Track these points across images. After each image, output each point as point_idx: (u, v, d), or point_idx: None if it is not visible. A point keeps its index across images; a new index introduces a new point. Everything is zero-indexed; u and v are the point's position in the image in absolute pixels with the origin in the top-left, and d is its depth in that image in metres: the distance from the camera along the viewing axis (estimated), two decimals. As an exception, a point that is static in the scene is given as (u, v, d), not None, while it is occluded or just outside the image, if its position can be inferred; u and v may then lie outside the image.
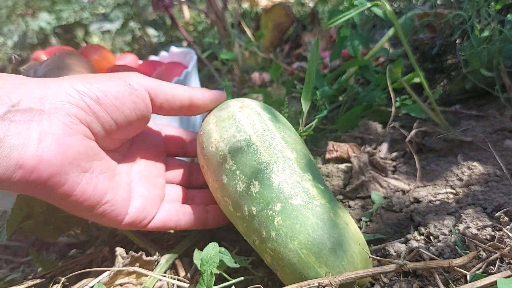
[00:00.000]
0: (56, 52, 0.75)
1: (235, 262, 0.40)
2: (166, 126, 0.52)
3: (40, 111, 0.33)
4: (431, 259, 0.39)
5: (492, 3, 0.59)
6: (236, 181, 0.38)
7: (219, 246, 0.41)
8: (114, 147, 0.42)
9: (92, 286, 0.42)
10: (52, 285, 0.43)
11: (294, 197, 0.36)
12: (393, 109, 0.59)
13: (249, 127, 0.41)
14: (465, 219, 0.43)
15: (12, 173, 0.32)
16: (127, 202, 0.41)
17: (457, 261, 0.34)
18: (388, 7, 0.59)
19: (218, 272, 0.40)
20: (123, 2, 1.66)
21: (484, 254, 0.38)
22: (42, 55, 0.88)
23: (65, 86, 0.36)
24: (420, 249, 0.40)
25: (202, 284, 0.37)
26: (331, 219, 0.35)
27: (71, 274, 0.43)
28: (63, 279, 0.42)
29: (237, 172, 0.39)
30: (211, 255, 0.38)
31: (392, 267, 0.34)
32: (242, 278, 0.40)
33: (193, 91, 0.44)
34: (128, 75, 0.40)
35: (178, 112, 0.44)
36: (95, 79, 0.38)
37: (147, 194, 0.43)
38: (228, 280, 0.39)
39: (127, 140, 0.44)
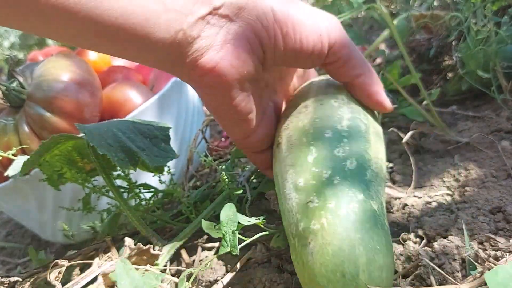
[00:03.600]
0: (53, 53, 0.75)
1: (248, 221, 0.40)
2: None
3: (233, 20, 0.33)
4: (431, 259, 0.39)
5: (489, 5, 0.59)
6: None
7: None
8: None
9: (97, 276, 0.41)
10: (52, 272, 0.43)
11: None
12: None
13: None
14: (461, 220, 0.43)
15: (187, 70, 0.34)
16: (261, 126, 0.42)
17: (465, 287, 0.34)
18: (383, 9, 0.59)
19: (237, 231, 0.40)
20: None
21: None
22: (39, 56, 0.88)
23: (266, 5, 0.35)
24: (422, 257, 0.40)
25: (225, 246, 0.37)
26: None
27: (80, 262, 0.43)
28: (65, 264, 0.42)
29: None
30: (229, 216, 0.38)
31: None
32: (262, 233, 0.41)
33: (368, 71, 0.41)
34: (320, 15, 0.38)
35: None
36: (295, 12, 0.36)
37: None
38: (243, 240, 0.40)
39: None
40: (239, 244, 0.39)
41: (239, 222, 0.39)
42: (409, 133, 0.58)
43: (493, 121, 0.60)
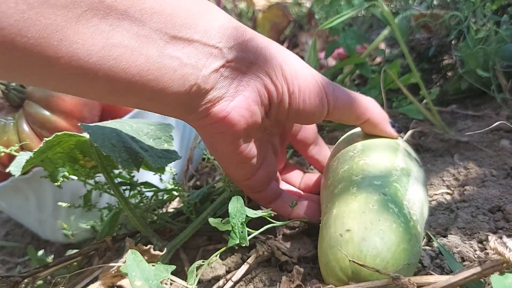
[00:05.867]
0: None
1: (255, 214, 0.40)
2: None
3: (245, 73, 0.35)
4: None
5: (488, 4, 0.59)
6: None
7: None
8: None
9: (97, 276, 0.41)
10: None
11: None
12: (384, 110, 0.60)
13: None
14: (461, 219, 0.43)
15: (199, 118, 0.35)
16: (262, 169, 0.43)
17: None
18: (385, 7, 0.59)
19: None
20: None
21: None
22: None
23: (276, 62, 0.36)
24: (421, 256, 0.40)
25: (234, 238, 0.37)
26: None
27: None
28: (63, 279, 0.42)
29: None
30: (237, 208, 0.38)
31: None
32: (269, 225, 0.40)
33: (371, 114, 0.43)
34: (318, 75, 0.40)
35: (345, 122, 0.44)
36: (298, 70, 0.38)
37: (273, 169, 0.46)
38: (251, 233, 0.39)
39: None
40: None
41: (246, 215, 0.39)
42: (409, 132, 0.58)
43: (493, 120, 0.60)
